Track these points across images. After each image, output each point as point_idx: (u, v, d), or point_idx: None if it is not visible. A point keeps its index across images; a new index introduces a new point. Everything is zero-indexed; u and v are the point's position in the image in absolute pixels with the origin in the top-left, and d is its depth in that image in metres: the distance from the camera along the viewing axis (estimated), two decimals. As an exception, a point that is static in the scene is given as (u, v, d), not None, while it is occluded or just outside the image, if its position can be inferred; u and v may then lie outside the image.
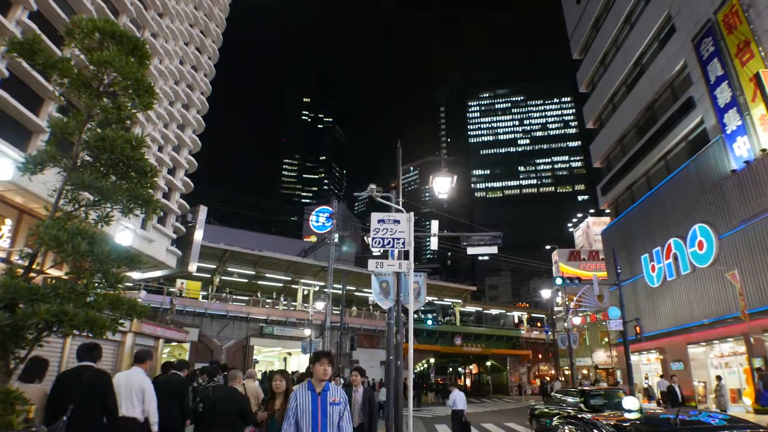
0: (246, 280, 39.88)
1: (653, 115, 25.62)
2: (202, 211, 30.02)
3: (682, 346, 21.66)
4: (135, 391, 5.75)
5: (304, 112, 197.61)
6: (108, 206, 5.71)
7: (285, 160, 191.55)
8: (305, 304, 39.60)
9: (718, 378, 17.78)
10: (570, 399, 13.99)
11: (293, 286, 41.17)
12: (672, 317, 22.27)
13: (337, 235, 37.27)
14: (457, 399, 13.50)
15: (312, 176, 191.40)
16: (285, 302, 39.71)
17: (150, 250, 23.58)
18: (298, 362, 36.89)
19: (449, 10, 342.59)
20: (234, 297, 37.21)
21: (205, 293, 35.85)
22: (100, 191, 5.56)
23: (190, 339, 28.91)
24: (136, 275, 26.44)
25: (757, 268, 16.77)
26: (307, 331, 31.42)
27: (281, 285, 41.45)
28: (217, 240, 38.89)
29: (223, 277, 37.52)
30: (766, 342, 16.51)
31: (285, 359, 39.53)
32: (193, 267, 28.82)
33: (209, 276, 36.75)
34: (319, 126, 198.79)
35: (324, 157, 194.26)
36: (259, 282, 40.50)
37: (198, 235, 29.20)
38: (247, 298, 37.67)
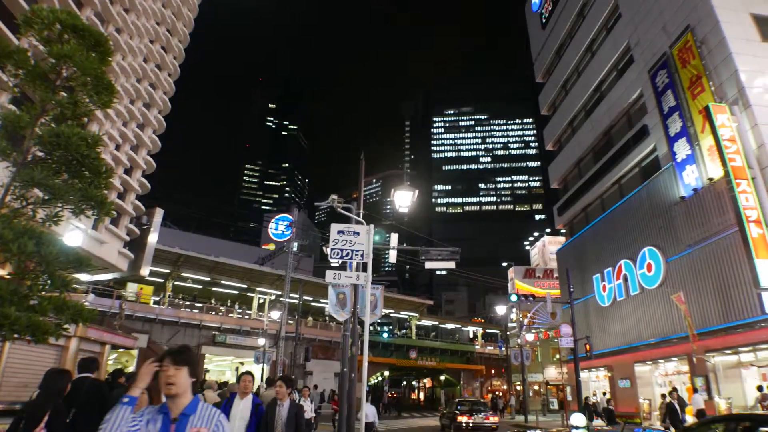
0: (200, 287, 38.93)
1: (609, 141, 26.58)
2: (158, 214, 29.28)
3: (630, 365, 22.38)
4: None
5: (269, 118, 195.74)
6: (58, 206, 5.51)
7: (247, 166, 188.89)
8: (260, 313, 38.96)
9: (663, 396, 18.43)
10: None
11: (249, 294, 40.49)
12: (621, 336, 23.00)
13: (296, 244, 37.00)
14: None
15: (273, 183, 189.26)
16: (240, 310, 38.97)
17: (101, 251, 22.83)
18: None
19: (421, 29, 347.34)
20: (187, 303, 36.32)
21: (157, 298, 34.85)
22: (51, 189, 5.35)
23: (139, 345, 27.94)
24: (84, 277, 25.48)
25: (700, 291, 17.55)
26: (261, 341, 30.94)
27: (237, 293, 40.69)
28: (173, 244, 37.91)
29: (176, 283, 36.53)
30: (707, 362, 17.27)
31: (237, 369, 38.74)
32: (145, 271, 28.01)
33: (162, 281, 35.74)
34: (283, 133, 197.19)
35: (287, 165, 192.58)
36: (214, 289, 39.63)
37: (152, 238, 28.43)
38: (200, 304, 36.83)
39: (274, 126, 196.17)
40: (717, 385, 17.01)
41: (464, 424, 20.19)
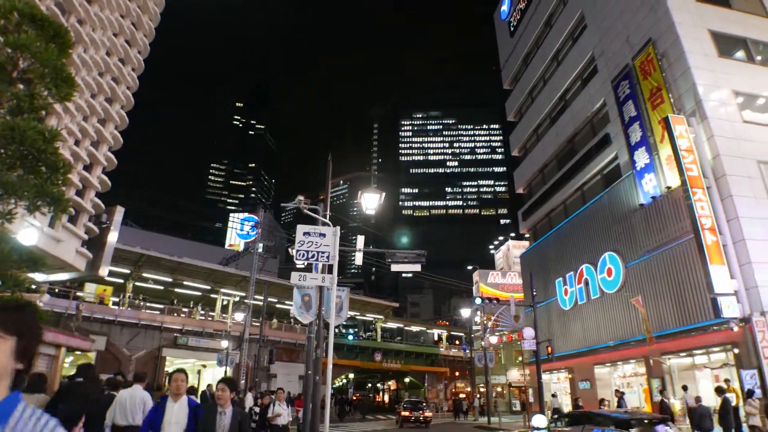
0: (162, 287, 38.02)
1: (573, 148, 27.24)
2: (119, 212, 28.53)
3: (590, 367, 22.97)
4: (138, 404, 6.82)
5: (236, 117, 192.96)
6: (12, 202, 5.31)
7: (213, 165, 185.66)
8: (224, 315, 38.37)
9: (617, 392, 19.02)
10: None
11: (212, 295, 39.82)
12: (581, 339, 23.57)
13: (261, 245, 36.58)
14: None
15: (239, 183, 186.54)
16: (202, 312, 38.27)
17: (57, 250, 22.10)
18: (213, 375, 35.60)
19: (391, 30, 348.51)
20: (148, 304, 35.46)
21: (117, 299, 33.92)
22: (4, 185, 5.17)
23: (97, 348, 27.14)
24: (39, 277, 24.61)
25: (657, 296, 18.16)
26: (225, 343, 30.43)
27: (200, 294, 39.97)
28: (134, 243, 36.93)
29: (137, 283, 35.62)
30: (663, 364, 17.87)
31: (199, 372, 38.05)
32: (104, 271, 27.26)
33: (122, 281, 34.83)
34: (250, 132, 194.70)
35: (253, 165, 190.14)
36: (177, 290, 38.79)
37: (112, 237, 27.69)
38: (161, 306, 36.02)
39: (241, 125, 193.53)
40: (672, 387, 17.63)
41: (405, 417, 28.04)
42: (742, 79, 18.26)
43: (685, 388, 16.00)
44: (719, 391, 13.05)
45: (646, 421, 9.79)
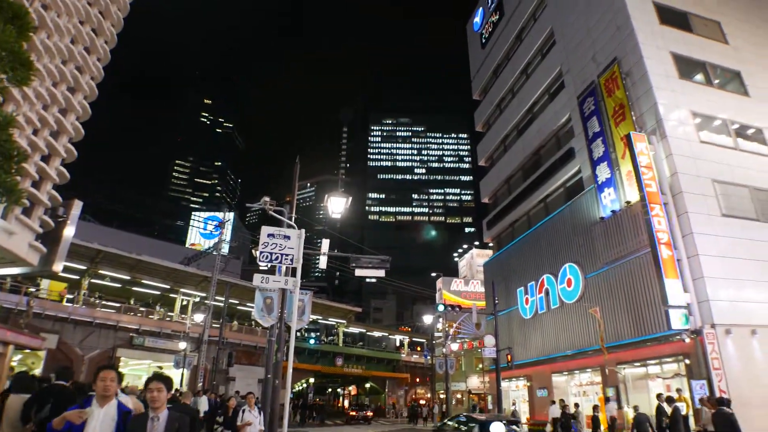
0: (119, 285, 36.90)
1: (538, 160, 27.80)
2: (77, 206, 27.57)
3: (547, 375, 23.41)
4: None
5: (204, 114, 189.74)
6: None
7: (177, 161, 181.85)
8: (183, 315, 37.54)
9: (576, 405, 19.45)
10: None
11: (172, 295, 38.92)
12: (540, 347, 24.00)
13: (225, 245, 36.02)
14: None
15: (204, 181, 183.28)
16: (161, 312, 37.36)
17: (9, 243, 21.18)
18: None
19: (363, 37, 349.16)
20: (103, 303, 34.41)
21: (71, 296, 32.78)
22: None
23: (47, 346, 26.12)
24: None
25: (614, 307, 18.66)
26: (183, 344, 29.78)
27: (159, 293, 39.01)
28: (91, 239, 35.80)
29: (93, 280, 34.50)
30: (618, 373, 18.37)
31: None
32: (59, 266, 26.22)
33: (78, 278, 33.70)
34: (217, 130, 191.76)
35: (219, 163, 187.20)
36: (135, 288, 37.76)
37: (69, 231, 26.71)
38: (118, 304, 35.01)
39: (209, 122, 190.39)
40: (626, 396, 18.13)
41: (352, 416, 37.60)
42: (700, 100, 19.02)
43: (607, 400, 16.64)
44: (669, 400, 13.51)
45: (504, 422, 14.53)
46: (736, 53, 21.19)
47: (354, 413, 39.64)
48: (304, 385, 52.38)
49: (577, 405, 19.30)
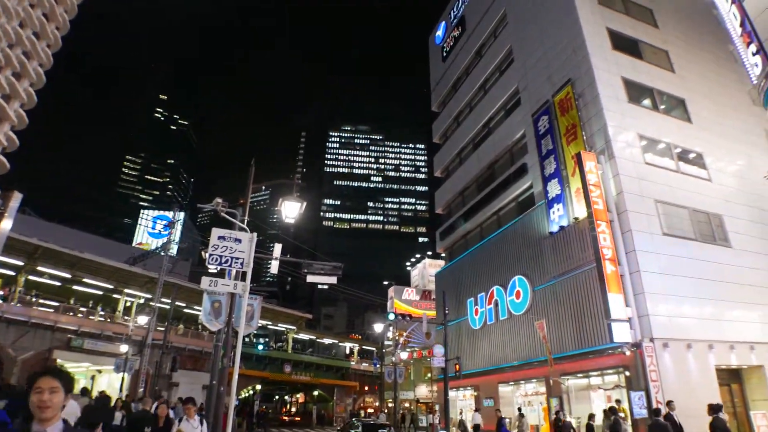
0: (59, 284, 35.18)
1: (493, 174, 28.38)
2: (16, 198, 26.36)
3: (494, 385, 23.81)
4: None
5: (158, 110, 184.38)
6: None
7: (128, 157, 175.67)
8: (126, 317, 36.18)
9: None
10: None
11: (115, 295, 37.47)
12: (488, 358, 24.40)
13: (174, 246, 35.03)
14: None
15: (155, 179, 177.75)
16: (102, 313, 35.87)
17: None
18: (108, 381, 33.40)
19: (322, 37, 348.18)
20: (41, 301, 32.75)
21: (4, 293, 31.06)
22: None
23: (-24, 346, 24.74)
24: None
25: (560, 319, 19.21)
26: (124, 348, 28.67)
27: (101, 293, 37.45)
28: (30, 233, 34.05)
29: (30, 277, 32.83)
30: (562, 384, 18.89)
31: (93, 377, 35.52)
32: (-7, 261, 25.01)
33: (13, 274, 32.00)
34: (172, 127, 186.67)
35: (172, 161, 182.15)
36: (75, 287, 36.09)
37: (6, 224, 25.51)
38: (56, 304, 33.41)
39: (163, 118, 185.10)
40: (569, 406, 18.65)
41: (283, 421, 39.91)
42: (647, 124, 19.95)
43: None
44: (611, 411, 13.98)
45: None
46: (682, 82, 22.37)
47: (286, 418, 47.88)
48: (251, 392, 51.33)
49: (522, 415, 19.68)
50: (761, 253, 19.67)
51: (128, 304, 37.50)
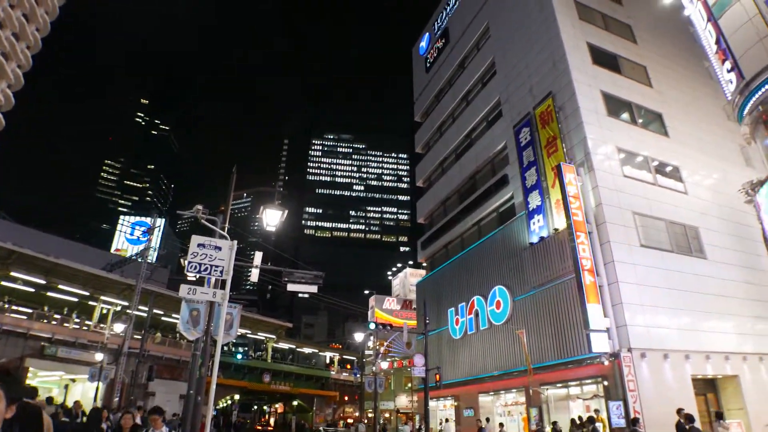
0: (33, 290, 34.27)
1: (474, 185, 28.58)
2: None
3: (474, 395, 23.83)
4: None
5: (139, 114, 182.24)
6: None
7: (107, 161, 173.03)
8: (102, 325, 35.44)
9: (501, 425, 19.88)
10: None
11: (91, 303, 36.66)
12: (468, 367, 24.43)
13: (153, 253, 34.51)
14: None
15: (135, 184, 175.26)
16: (78, 320, 35.08)
17: None
18: (82, 390, 32.66)
19: (312, 50, 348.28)
20: (13, 307, 31.92)
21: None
22: None
23: (-54, 353, 24.02)
24: None
25: (540, 329, 19.35)
26: (99, 356, 28.08)
27: (77, 300, 36.64)
28: (5, 238, 33.31)
29: (4, 283, 32.01)
30: (542, 394, 18.98)
31: (67, 386, 34.69)
32: (-35, 266, 24.37)
33: (-14, 279, 31.21)
34: (153, 132, 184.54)
35: (152, 167, 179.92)
36: (50, 294, 35.23)
37: (-20, 230, 24.97)
38: (30, 310, 32.60)
39: (144, 123, 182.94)
40: (548, 416, 18.74)
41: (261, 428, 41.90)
42: (625, 137, 20.32)
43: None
44: (589, 420, 14.09)
45: None
46: (660, 96, 22.87)
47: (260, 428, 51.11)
48: (229, 402, 50.65)
49: (501, 425, 19.72)
50: (735, 265, 20.12)
51: (104, 311, 36.73)
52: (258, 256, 13.88)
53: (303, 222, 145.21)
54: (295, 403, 53.35)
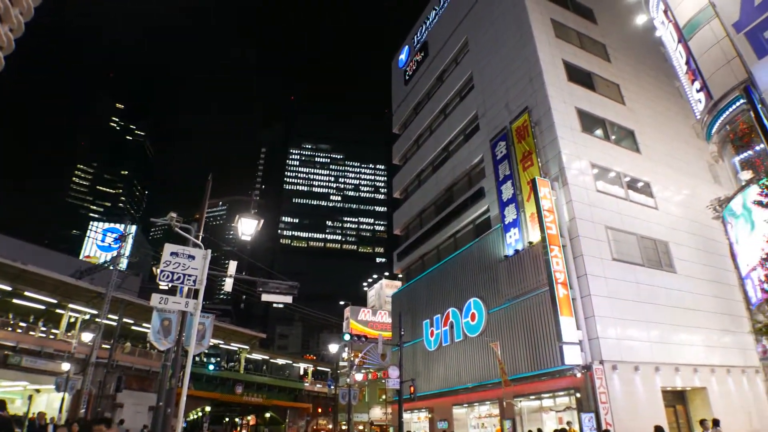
0: (-2, 297, 33.31)
1: (451, 197, 28.76)
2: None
3: (448, 407, 23.80)
4: None
5: (114, 119, 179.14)
6: None
7: (79, 166, 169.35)
8: (69, 334, 34.49)
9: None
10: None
11: (59, 311, 35.69)
12: (443, 379, 24.41)
13: (124, 260, 33.82)
14: None
15: (108, 190, 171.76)
16: (44, 329, 34.05)
17: None
18: (47, 401, 31.66)
19: (291, 60, 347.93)
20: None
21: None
22: None
23: None
24: None
25: (514, 341, 19.47)
26: (66, 366, 27.29)
27: (44, 308, 35.59)
28: (-31, 244, 32.33)
29: (-33, 290, 30.98)
30: (515, 406, 19.06)
31: (31, 397, 33.59)
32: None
33: (-53, 286, 30.12)
34: (127, 137, 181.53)
35: (126, 172, 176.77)
36: (15, 301, 34.15)
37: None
38: (-7, 318, 31.55)
39: (119, 128, 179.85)
40: (522, 428, 18.83)
41: None
42: (598, 153, 20.75)
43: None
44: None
45: None
46: (632, 114, 23.46)
47: None
48: (200, 414, 49.67)
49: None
50: (703, 279, 20.63)
51: (73, 320, 35.77)
52: (232, 266, 13.72)
53: (279, 231, 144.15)
54: (267, 415, 52.62)
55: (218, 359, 53.15)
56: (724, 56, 14.74)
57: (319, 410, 53.62)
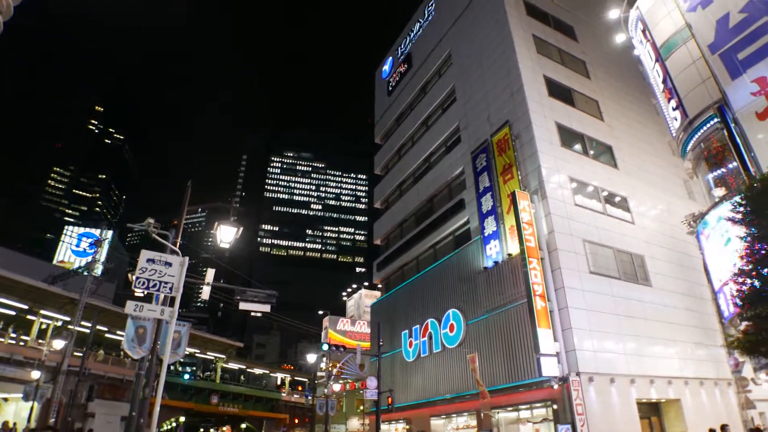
0: (-34, 302, 32.38)
1: (431, 208, 28.88)
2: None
3: (426, 418, 23.74)
4: None
5: (93, 121, 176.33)
6: None
7: (55, 168, 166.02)
8: (40, 341, 33.66)
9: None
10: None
11: (30, 317, 34.83)
12: (421, 390, 24.36)
13: (99, 266, 33.23)
14: None
15: (84, 194, 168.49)
16: (14, 335, 33.18)
17: None
18: (15, 411, 30.80)
19: (274, 70, 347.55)
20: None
21: None
22: None
23: None
24: None
25: (492, 352, 19.56)
26: (36, 374, 26.62)
27: (14, 314, 34.71)
28: (-64, 248, 31.43)
29: (-68, 295, 30.09)
30: (493, 417, 19.11)
31: (-2, 405, 32.67)
32: None
33: None
34: (106, 141, 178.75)
35: (104, 176, 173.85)
36: (-17, 306, 33.30)
37: None
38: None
39: (97, 131, 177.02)
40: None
41: None
42: (577, 168, 21.08)
43: None
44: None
45: None
46: (610, 130, 23.92)
47: None
48: (174, 425, 48.69)
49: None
50: (678, 293, 21.03)
51: (44, 326, 34.91)
52: (210, 273, 13.60)
53: (259, 239, 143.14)
54: (243, 425, 51.81)
55: (194, 368, 52.32)
56: (699, 76, 15.16)
57: (296, 421, 53.04)
